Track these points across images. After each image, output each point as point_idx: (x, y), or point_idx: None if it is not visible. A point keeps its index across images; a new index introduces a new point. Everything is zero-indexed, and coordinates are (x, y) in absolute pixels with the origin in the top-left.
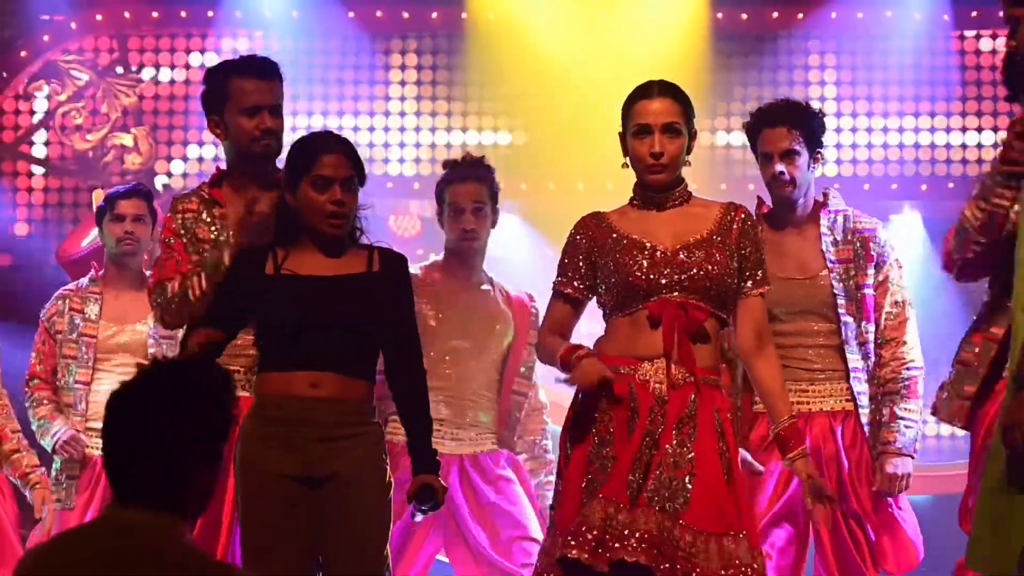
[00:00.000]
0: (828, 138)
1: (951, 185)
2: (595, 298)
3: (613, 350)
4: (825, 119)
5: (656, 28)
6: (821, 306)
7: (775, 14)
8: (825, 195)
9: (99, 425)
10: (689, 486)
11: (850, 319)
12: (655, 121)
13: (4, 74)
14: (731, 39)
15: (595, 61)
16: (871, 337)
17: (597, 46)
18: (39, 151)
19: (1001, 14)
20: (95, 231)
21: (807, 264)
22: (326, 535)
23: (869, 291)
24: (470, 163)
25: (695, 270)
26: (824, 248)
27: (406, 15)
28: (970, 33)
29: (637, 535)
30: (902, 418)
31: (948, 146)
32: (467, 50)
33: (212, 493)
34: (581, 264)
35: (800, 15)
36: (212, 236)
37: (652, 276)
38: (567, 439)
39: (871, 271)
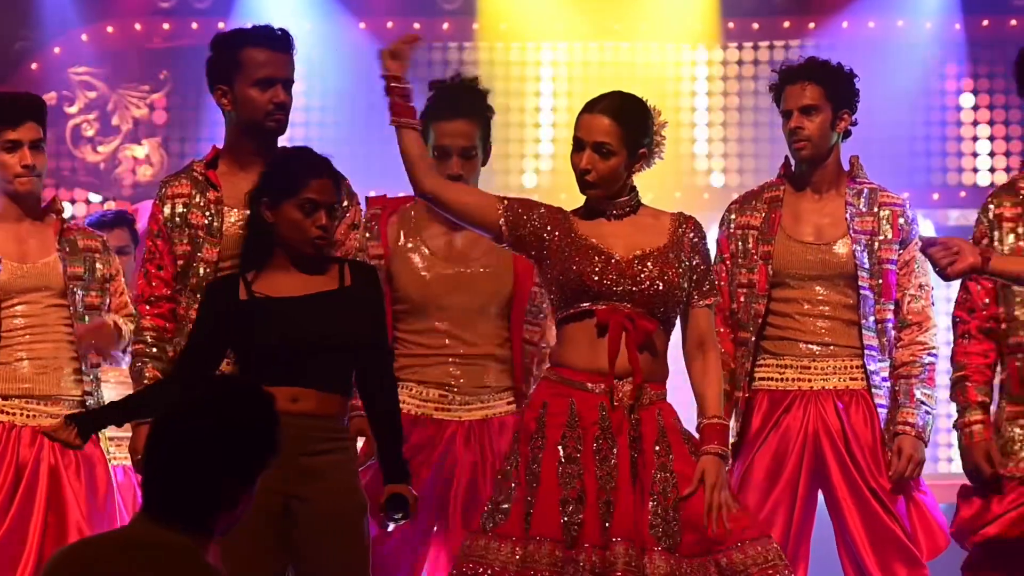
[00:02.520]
0: None
1: (963, 195)
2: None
3: (579, 363)
4: (856, 79)
5: (668, 38)
6: (835, 275)
7: (786, 23)
8: (853, 164)
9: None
10: (678, 514)
11: (870, 293)
12: (587, 137)
13: (16, 87)
14: (743, 48)
15: (607, 71)
16: (890, 316)
17: (609, 56)
18: (51, 164)
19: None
20: None
21: (823, 230)
22: (305, 556)
23: (892, 267)
24: (463, 92)
25: (647, 284)
26: (848, 216)
27: (417, 25)
28: (981, 42)
29: None
30: (923, 402)
31: (959, 155)
32: (479, 60)
33: (242, 518)
34: (531, 219)
35: (812, 24)
36: (206, 223)
37: (605, 281)
38: (530, 444)
39: (896, 247)
